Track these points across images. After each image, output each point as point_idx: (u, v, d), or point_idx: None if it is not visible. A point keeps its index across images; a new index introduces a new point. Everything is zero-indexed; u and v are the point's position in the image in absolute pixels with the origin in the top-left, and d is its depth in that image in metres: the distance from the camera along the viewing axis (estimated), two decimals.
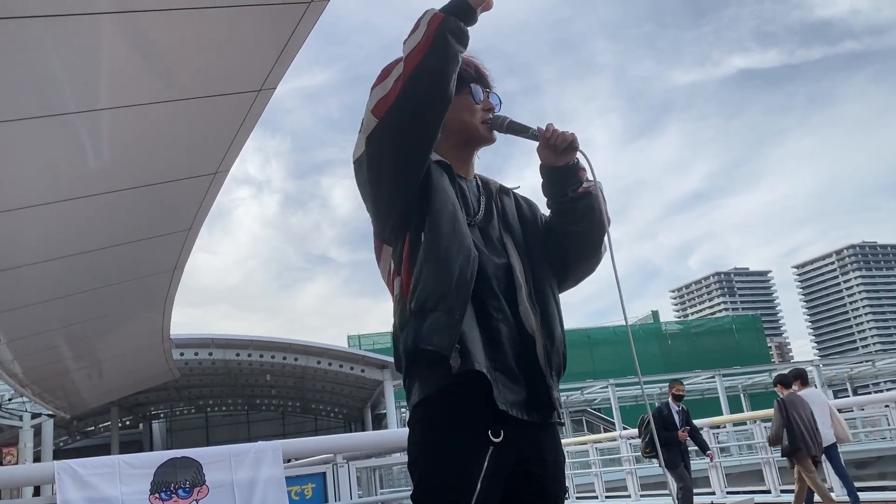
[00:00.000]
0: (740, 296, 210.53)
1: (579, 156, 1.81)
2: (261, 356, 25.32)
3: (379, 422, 31.87)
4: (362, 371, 25.14)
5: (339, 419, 38.10)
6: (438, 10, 1.60)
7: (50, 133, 4.83)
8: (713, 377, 28.38)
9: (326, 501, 4.26)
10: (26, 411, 16.71)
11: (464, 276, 1.59)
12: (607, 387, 27.18)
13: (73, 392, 15.89)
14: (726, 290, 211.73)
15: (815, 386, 29.72)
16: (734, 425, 19.12)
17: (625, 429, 18.55)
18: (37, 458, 18.44)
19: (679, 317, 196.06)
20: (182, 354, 22.89)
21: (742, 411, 27.85)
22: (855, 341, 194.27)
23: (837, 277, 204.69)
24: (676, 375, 30.15)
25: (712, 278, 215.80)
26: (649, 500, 12.21)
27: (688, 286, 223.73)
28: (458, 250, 1.61)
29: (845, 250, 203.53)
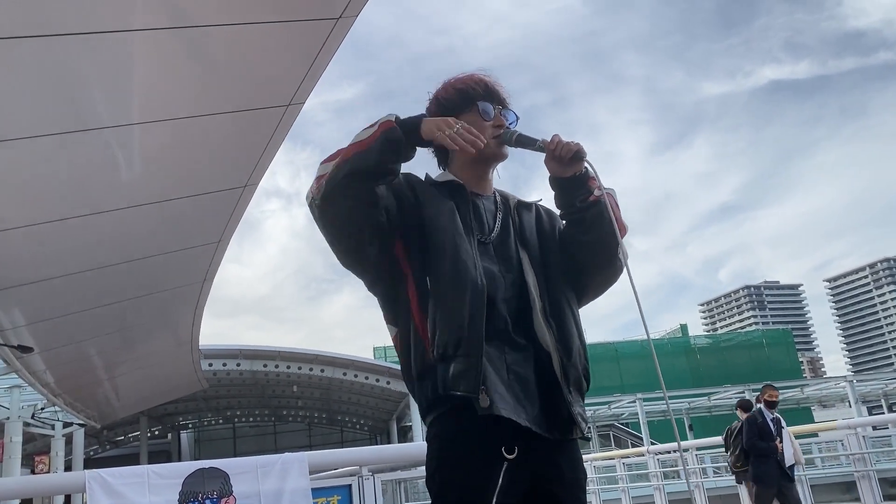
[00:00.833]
0: (770, 310, 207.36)
1: (587, 165, 1.80)
2: (288, 367, 25.45)
3: (404, 434, 31.83)
4: (388, 383, 25.14)
5: (364, 431, 38.12)
6: (394, 118, 1.68)
7: (84, 147, 4.93)
8: (743, 392, 27.89)
9: None
10: (58, 420, 16.96)
11: (475, 318, 1.62)
12: (635, 401, 26.87)
13: (104, 401, 16.11)
14: (756, 303, 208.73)
15: (850, 403, 29.12)
16: None
17: (652, 444, 18.33)
18: (68, 467, 18.68)
19: (708, 331, 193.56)
20: (210, 365, 23.10)
21: None
22: (890, 356, 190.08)
23: (871, 291, 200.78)
24: (705, 390, 29.78)
25: (742, 292, 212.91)
26: None
27: (717, 300, 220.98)
28: (464, 288, 1.65)
29: (879, 263, 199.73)
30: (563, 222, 1.90)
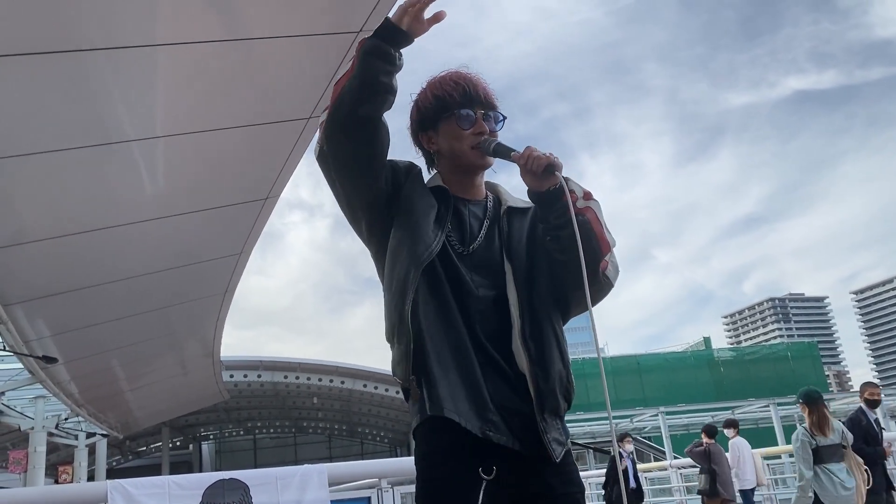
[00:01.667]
0: (796, 322, 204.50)
1: (563, 180, 1.66)
2: (308, 379, 25.53)
3: None
4: None
5: (384, 443, 38.07)
6: (368, 37, 1.64)
7: (109, 160, 5.01)
8: (767, 406, 27.48)
9: None
10: (81, 431, 17.10)
11: (401, 306, 1.61)
12: (657, 415, 26.55)
13: (127, 412, 16.25)
14: (781, 316, 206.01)
15: (878, 416, 28.58)
16: (790, 456, 18.48)
17: (675, 458, 18.10)
18: (91, 477, 18.82)
19: (732, 343, 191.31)
20: (231, 376, 23.24)
21: None
22: None
23: None
24: (729, 404, 29.36)
25: (766, 304, 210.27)
26: None
27: (741, 312, 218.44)
28: (406, 279, 1.63)
29: None
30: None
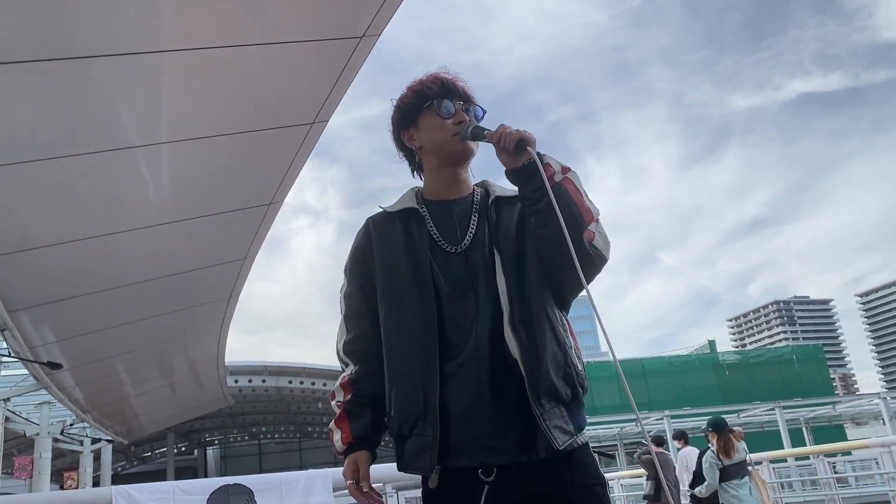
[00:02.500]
0: (801, 325, 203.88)
1: (536, 155, 1.65)
2: (312, 383, 25.52)
3: None
4: None
5: (389, 448, 37.72)
6: (341, 445, 1.80)
7: (114, 166, 5.02)
8: (773, 409, 27.38)
9: None
10: (87, 436, 17.12)
11: (430, 396, 1.62)
12: (662, 418, 26.47)
13: (132, 417, 16.27)
14: (786, 319, 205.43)
15: (884, 420, 28.45)
16: (796, 460, 18.42)
17: None
18: (96, 483, 18.84)
19: (737, 346, 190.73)
20: (236, 381, 23.25)
21: (804, 445, 26.82)
22: None
23: None
24: (734, 407, 29.28)
25: (771, 307, 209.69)
26: None
27: (745, 315, 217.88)
28: (413, 362, 1.66)
29: None
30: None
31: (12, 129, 4.27)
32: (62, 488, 17.60)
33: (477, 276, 1.70)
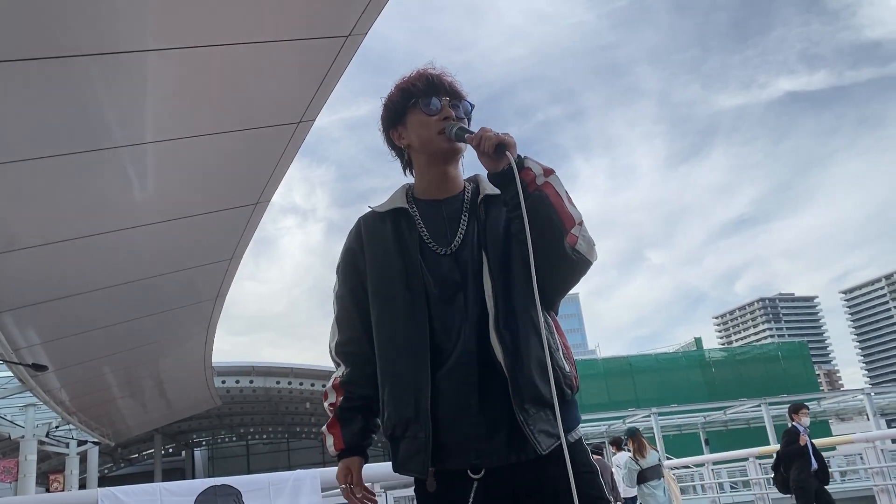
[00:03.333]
0: (786, 322, 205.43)
1: (514, 158, 1.63)
2: (300, 384, 25.46)
3: None
4: None
5: (378, 448, 37.97)
6: (333, 451, 1.85)
7: (98, 167, 4.98)
8: (759, 406, 27.58)
9: None
10: (73, 439, 17.00)
11: (421, 399, 1.63)
12: (650, 415, 26.60)
13: (118, 419, 16.16)
14: (771, 316, 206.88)
15: (868, 416, 28.73)
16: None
17: (668, 458, 18.13)
18: (82, 485, 18.73)
19: (723, 344, 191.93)
20: (224, 382, 23.15)
21: None
22: None
23: (888, 303, 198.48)
24: (721, 404, 29.46)
25: (756, 304, 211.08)
26: None
27: (731, 312, 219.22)
28: (406, 364, 1.68)
29: (895, 275, 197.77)
30: None
31: None
32: (48, 491, 17.47)
33: (466, 277, 1.70)
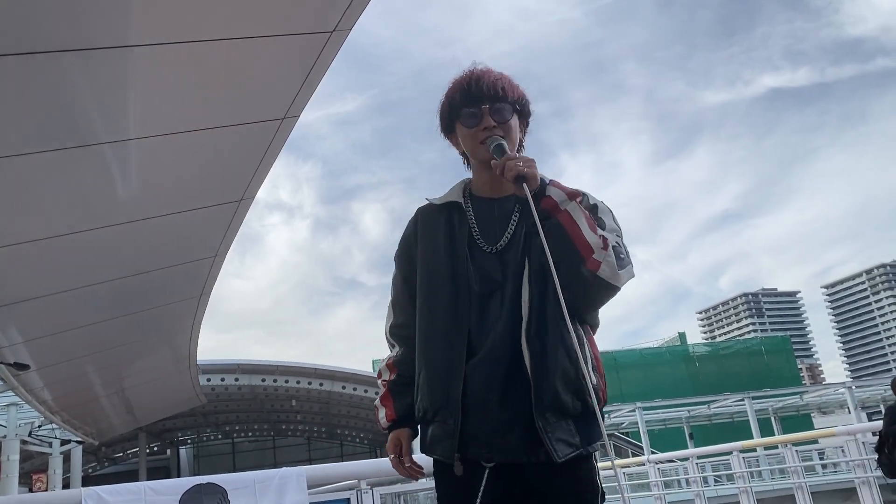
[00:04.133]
0: (769, 317, 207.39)
1: (536, 187, 1.69)
2: (286, 381, 25.37)
3: None
4: None
5: (364, 444, 37.97)
6: (385, 422, 1.93)
7: (80, 163, 4.93)
8: (743, 400, 27.84)
9: None
10: (56, 438, 16.84)
11: (452, 387, 1.69)
12: (634, 410, 26.77)
13: (102, 418, 16.03)
14: (754, 311, 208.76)
15: (850, 409, 29.07)
16: (765, 449, 18.76)
17: (653, 452, 18.27)
18: (66, 485, 18.56)
19: (706, 339, 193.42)
20: (209, 380, 23.02)
21: (773, 434, 27.31)
22: (888, 362, 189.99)
23: (868, 297, 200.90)
24: (705, 398, 29.70)
25: (740, 300, 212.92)
26: None
27: (715, 308, 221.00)
28: (441, 351, 1.74)
29: (876, 269, 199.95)
30: None
31: None
32: (31, 491, 17.31)
33: (506, 278, 1.74)
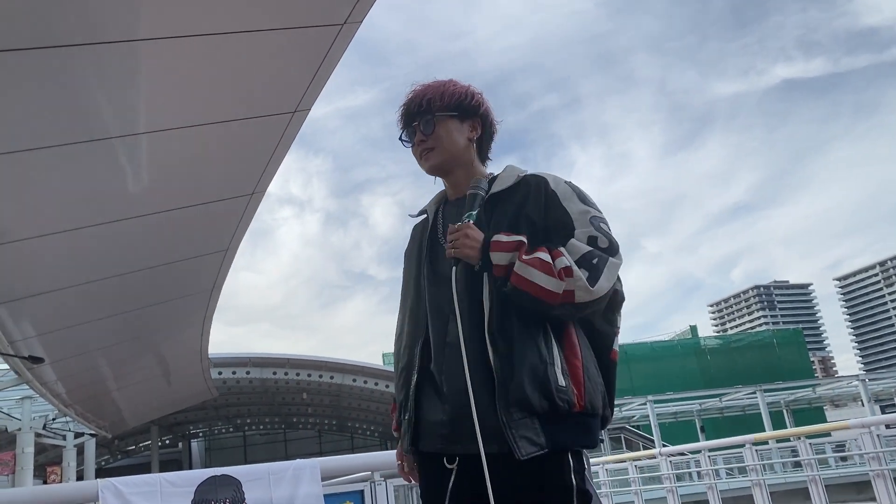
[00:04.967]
0: (781, 309, 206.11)
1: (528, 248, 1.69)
2: (297, 374, 25.47)
3: None
4: None
5: (375, 437, 38.07)
6: (394, 432, 1.95)
7: (91, 158, 4.95)
8: (754, 393, 27.72)
9: None
10: (70, 431, 17.00)
11: (410, 384, 1.81)
12: (646, 404, 26.72)
13: (115, 411, 16.15)
14: (766, 303, 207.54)
15: (863, 402, 28.90)
16: (777, 442, 18.68)
17: (664, 445, 18.23)
18: (80, 477, 18.71)
19: (718, 332, 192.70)
20: (220, 373, 23.14)
21: (785, 427, 27.20)
22: None
23: (882, 289, 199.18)
24: (716, 391, 29.62)
25: (751, 292, 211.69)
26: None
27: (726, 300, 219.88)
28: (407, 351, 1.86)
29: (889, 261, 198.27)
30: None
31: None
32: (45, 483, 17.47)
33: (469, 279, 1.74)
